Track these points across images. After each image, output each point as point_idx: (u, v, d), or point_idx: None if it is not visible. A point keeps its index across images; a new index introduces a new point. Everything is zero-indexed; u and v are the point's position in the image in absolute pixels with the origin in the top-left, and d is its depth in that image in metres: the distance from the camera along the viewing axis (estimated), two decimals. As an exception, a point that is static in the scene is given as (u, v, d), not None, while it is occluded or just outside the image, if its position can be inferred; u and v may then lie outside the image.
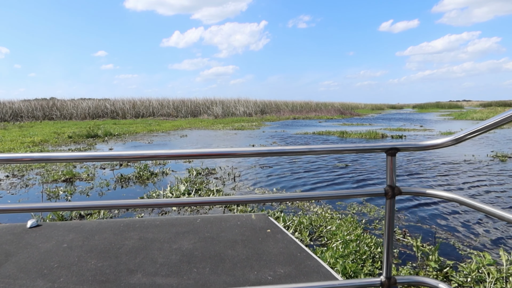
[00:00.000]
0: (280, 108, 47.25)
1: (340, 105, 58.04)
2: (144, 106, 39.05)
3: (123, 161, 1.71)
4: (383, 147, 1.28)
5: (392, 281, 1.37)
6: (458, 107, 76.68)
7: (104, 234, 3.46)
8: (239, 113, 39.71)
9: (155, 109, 39.21)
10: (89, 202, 1.38)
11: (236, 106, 40.32)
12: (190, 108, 40.31)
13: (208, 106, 39.98)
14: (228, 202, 1.34)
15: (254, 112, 39.99)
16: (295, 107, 49.66)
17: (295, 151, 1.28)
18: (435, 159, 10.23)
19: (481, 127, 1.11)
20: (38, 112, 36.88)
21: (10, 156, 1.15)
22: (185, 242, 3.25)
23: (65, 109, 37.82)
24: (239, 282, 2.55)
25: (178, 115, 38.68)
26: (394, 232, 1.68)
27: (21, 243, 3.27)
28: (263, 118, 34.36)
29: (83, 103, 38.50)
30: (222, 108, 37.88)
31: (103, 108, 38.82)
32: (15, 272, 2.70)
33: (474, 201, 1.14)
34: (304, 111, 44.17)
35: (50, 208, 1.27)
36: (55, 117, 36.76)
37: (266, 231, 3.53)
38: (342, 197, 1.45)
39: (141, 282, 2.56)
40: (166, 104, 40.34)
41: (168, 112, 39.12)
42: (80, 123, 28.98)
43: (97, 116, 38.03)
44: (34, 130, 20.63)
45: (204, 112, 39.37)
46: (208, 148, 1.25)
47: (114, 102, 39.03)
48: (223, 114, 37.61)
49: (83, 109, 38.03)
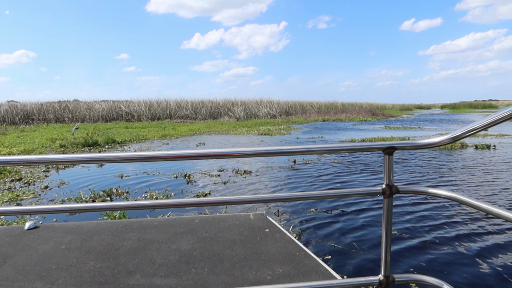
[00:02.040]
0: (305, 109, 45.26)
1: (368, 106, 53.50)
2: (160, 108, 36.15)
3: (119, 162, 1.71)
4: (381, 146, 1.27)
5: (391, 279, 1.36)
6: (492, 107, 71.38)
7: (102, 236, 3.46)
8: (262, 115, 38.23)
9: (172, 111, 36.34)
10: (87, 204, 1.29)
11: (258, 107, 37.50)
12: (210, 109, 37.13)
13: (229, 107, 36.87)
14: (226, 203, 1.34)
15: (279, 114, 36.91)
16: (321, 108, 47.50)
17: (293, 151, 1.28)
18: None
19: (479, 126, 1.10)
20: (50, 115, 35.59)
21: (5, 158, 1.14)
22: (184, 243, 3.27)
23: (78, 111, 36.48)
24: (238, 282, 2.56)
25: (197, 117, 35.65)
26: (392, 230, 1.58)
27: (19, 245, 3.30)
28: (289, 120, 32.44)
29: (96, 105, 35.40)
30: (244, 110, 34.18)
31: (117, 110, 37.43)
32: (13, 274, 2.72)
33: (471, 199, 1.13)
34: (332, 112, 40.89)
35: (47, 210, 1.26)
36: (67, 120, 35.48)
37: (264, 230, 3.53)
38: (341, 196, 1.43)
39: (139, 283, 2.57)
40: (184, 105, 37.24)
41: (186, 114, 36.01)
42: (91, 126, 26.07)
43: (111, 118, 36.50)
44: (33, 135, 19.23)
45: (224, 114, 36.06)
46: (206, 150, 1.24)
47: (129, 104, 35.82)
48: (245, 116, 34.30)
49: (96, 111, 36.59)
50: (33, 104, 37.40)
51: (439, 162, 9.67)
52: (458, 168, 8.73)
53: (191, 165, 9.57)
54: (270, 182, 7.57)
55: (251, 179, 7.85)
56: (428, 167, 9.04)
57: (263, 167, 9.14)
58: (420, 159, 10.11)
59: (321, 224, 4.85)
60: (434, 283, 1.33)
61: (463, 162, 9.55)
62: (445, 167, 9.02)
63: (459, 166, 9.01)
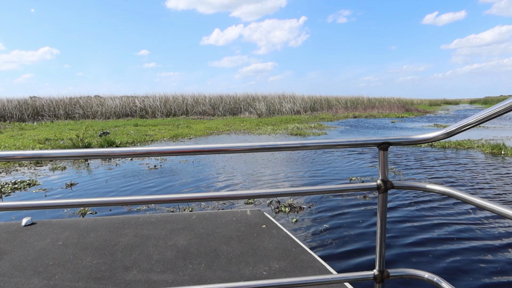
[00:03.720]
0: (331, 104, 42.66)
1: (397, 101, 49.61)
2: (176, 103, 33.37)
3: (120, 158, 1.71)
4: (375, 142, 1.28)
5: (385, 274, 1.37)
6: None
7: (99, 232, 3.51)
8: (285, 111, 35.94)
9: (189, 107, 33.96)
10: (84, 200, 1.33)
11: (281, 102, 34.35)
12: (229, 105, 34.35)
13: (249, 103, 34.02)
14: (222, 198, 1.37)
15: (303, 109, 33.83)
16: (347, 104, 44.89)
17: (288, 146, 1.29)
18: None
19: (474, 121, 1.10)
20: (60, 111, 33.93)
21: (3, 154, 1.15)
22: (181, 239, 3.31)
23: (89, 107, 34.67)
24: (234, 278, 2.61)
25: (215, 113, 32.90)
26: (386, 225, 1.42)
27: (16, 241, 3.35)
28: (316, 117, 29.61)
29: (108, 100, 32.80)
30: (265, 105, 30.91)
31: (131, 106, 35.74)
32: (10, 270, 2.77)
33: (465, 194, 1.14)
34: (360, 107, 37.50)
35: (44, 205, 1.26)
36: (77, 116, 34.00)
37: (261, 226, 3.57)
38: (335, 191, 1.42)
39: (136, 278, 2.62)
40: (202, 100, 34.47)
41: (204, 109, 33.20)
42: (99, 124, 23.30)
43: (124, 114, 34.78)
44: (30, 134, 17.13)
45: (245, 110, 33.09)
46: (201, 144, 1.25)
47: (143, 99, 33.02)
48: (267, 112, 30.87)
49: (108, 107, 34.81)
50: (43, 99, 34.99)
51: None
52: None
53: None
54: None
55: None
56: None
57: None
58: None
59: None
60: (428, 278, 1.33)
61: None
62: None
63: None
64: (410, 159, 9.65)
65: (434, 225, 4.66)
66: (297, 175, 7.97)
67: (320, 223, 4.78)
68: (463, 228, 4.53)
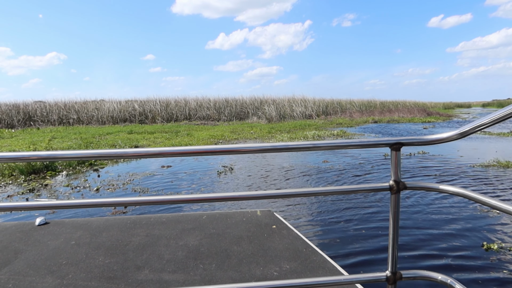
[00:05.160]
0: (344, 108, 40.33)
1: (413, 104, 46.62)
2: (178, 107, 30.38)
3: (127, 158, 1.67)
4: (388, 142, 1.27)
5: (398, 275, 1.36)
6: None
7: (111, 231, 3.58)
8: (296, 115, 33.82)
9: (192, 111, 30.57)
10: (96, 200, 1.29)
11: (291, 106, 30.91)
12: (235, 109, 31.73)
13: (257, 107, 30.50)
14: (233, 199, 1.34)
15: (315, 113, 30.59)
16: (361, 107, 42.62)
17: (300, 146, 1.27)
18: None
19: (488, 121, 1.08)
20: (54, 116, 31.63)
21: (15, 155, 1.19)
22: (191, 239, 3.36)
23: (84, 112, 32.34)
24: (245, 278, 2.63)
25: (220, 117, 30.47)
26: (399, 227, 1.39)
27: (30, 240, 3.44)
28: (332, 122, 28.57)
29: (106, 104, 29.97)
30: (275, 109, 27.82)
31: (130, 110, 33.45)
32: (25, 269, 2.85)
33: (480, 195, 1.11)
34: (376, 111, 35.12)
35: (57, 205, 1.28)
36: (72, 122, 31.80)
37: (271, 227, 3.58)
38: (347, 192, 1.40)
39: (148, 278, 2.66)
40: (206, 104, 31.57)
41: (208, 114, 30.58)
42: (90, 131, 22.66)
43: (123, 120, 32.51)
44: (2, 144, 14.83)
45: (253, 114, 30.45)
46: (211, 146, 1.24)
47: (143, 103, 30.06)
48: (278, 116, 27.55)
49: (105, 111, 32.46)
50: (36, 103, 32.23)
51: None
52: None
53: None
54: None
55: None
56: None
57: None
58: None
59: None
60: (441, 279, 1.32)
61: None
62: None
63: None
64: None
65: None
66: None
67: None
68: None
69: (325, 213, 5.23)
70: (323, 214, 5.20)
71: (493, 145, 13.10)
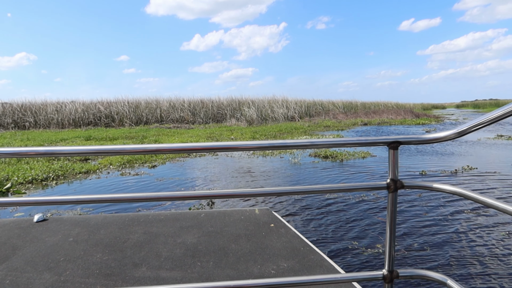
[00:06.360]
0: (327, 109, 38.63)
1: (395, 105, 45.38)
2: (149, 109, 27.10)
3: (128, 154, 1.27)
4: (385, 141, 1.24)
5: (395, 274, 1.33)
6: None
7: (109, 228, 3.55)
8: (278, 117, 32.08)
9: (164, 113, 27.00)
10: (95, 196, 1.26)
11: (272, 107, 33.32)
12: (212, 110, 28.39)
13: (236, 108, 27.92)
14: (230, 196, 1.29)
15: (299, 115, 28.10)
16: (344, 108, 40.78)
17: (297, 144, 1.25)
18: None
19: (485, 120, 1.06)
20: (7, 119, 28.33)
21: (16, 150, 1.13)
22: (189, 236, 3.33)
23: (43, 114, 29.04)
24: (243, 276, 2.63)
25: (195, 120, 28.22)
26: (396, 225, 1.35)
27: (28, 237, 3.41)
28: (318, 124, 26.86)
29: (68, 105, 26.58)
30: (256, 111, 25.31)
31: (95, 112, 30.42)
32: (23, 265, 2.85)
33: (477, 194, 1.10)
34: (361, 113, 32.75)
35: (56, 201, 1.25)
36: (28, 125, 28.71)
37: (269, 225, 3.55)
38: (345, 190, 1.39)
39: (145, 275, 2.66)
40: (180, 106, 28.31)
41: (182, 116, 27.20)
42: (42, 136, 19.65)
43: (86, 123, 29.56)
44: None
45: (231, 116, 27.36)
46: (210, 142, 1.21)
47: (110, 104, 26.86)
48: (259, 118, 24.97)
49: (66, 114, 29.21)
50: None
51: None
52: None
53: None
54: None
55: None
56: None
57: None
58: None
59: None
60: (438, 279, 1.31)
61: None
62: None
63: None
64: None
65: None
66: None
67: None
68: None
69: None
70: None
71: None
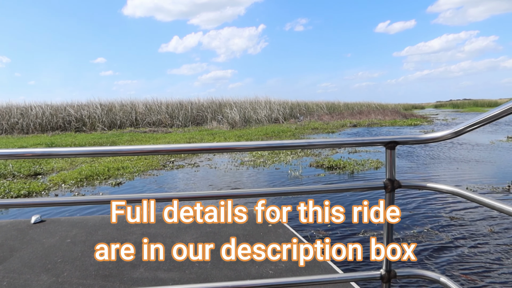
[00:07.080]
0: (311, 110, 37.44)
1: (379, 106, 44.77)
2: (123, 112, 24.88)
3: (125, 155, 1.36)
4: (382, 141, 1.23)
5: (392, 274, 1.33)
6: (499, 105, 64.97)
7: (107, 229, 3.53)
8: (262, 119, 30.60)
9: (140, 116, 24.95)
10: (93, 197, 1.25)
11: (255, 109, 29.57)
12: (191, 113, 26.50)
13: (216, 110, 26.27)
14: (229, 197, 1.32)
15: (283, 117, 26.70)
16: (329, 109, 39.64)
17: (296, 145, 1.26)
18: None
19: (482, 119, 1.07)
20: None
21: (12, 151, 1.14)
22: (187, 237, 3.32)
23: (6, 119, 26.76)
24: (241, 276, 2.61)
25: (174, 123, 26.54)
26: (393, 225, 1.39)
27: (25, 238, 3.38)
28: (305, 127, 25.11)
29: (34, 109, 24.24)
30: (239, 112, 23.64)
31: (64, 116, 28.20)
32: (20, 267, 2.83)
33: (473, 194, 1.11)
34: (346, 114, 32.18)
35: (53, 202, 1.28)
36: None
37: (267, 225, 3.55)
38: (342, 190, 1.42)
39: (143, 276, 2.63)
40: (157, 108, 26.10)
41: (159, 119, 25.08)
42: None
43: (55, 128, 27.07)
44: None
45: (212, 119, 25.62)
46: (209, 143, 1.22)
47: (80, 107, 24.68)
48: (242, 121, 23.31)
49: (31, 118, 27.04)
50: None
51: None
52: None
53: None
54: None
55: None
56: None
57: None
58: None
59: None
60: (434, 278, 1.31)
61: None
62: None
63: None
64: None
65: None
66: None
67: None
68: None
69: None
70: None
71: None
